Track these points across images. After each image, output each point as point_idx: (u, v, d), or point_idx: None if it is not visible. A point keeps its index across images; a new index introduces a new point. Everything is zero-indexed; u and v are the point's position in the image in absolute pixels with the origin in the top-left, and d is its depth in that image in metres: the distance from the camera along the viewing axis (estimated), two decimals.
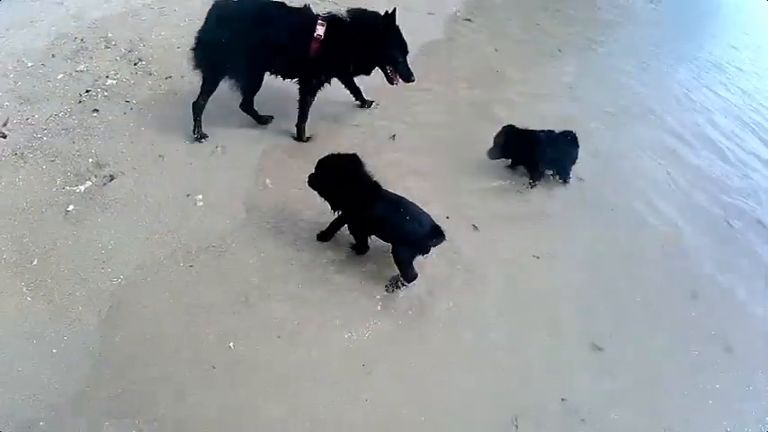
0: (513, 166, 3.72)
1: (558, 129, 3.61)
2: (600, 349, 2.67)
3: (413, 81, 3.49)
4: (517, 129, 3.54)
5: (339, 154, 2.68)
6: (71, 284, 2.51)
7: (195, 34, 3.31)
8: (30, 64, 3.81)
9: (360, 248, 2.85)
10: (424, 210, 2.69)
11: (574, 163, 3.71)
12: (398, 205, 2.64)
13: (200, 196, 3.03)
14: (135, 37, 4.34)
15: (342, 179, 2.64)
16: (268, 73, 3.47)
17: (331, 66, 3.42)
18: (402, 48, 3.42)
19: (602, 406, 2.44)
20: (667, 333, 2.86)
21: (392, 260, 2.71)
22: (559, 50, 5.72)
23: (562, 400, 2.43)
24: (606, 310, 2.90)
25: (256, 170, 3.29)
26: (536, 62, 5.35)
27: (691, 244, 3.48)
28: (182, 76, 3.93)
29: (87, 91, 3.65)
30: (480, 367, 2.51)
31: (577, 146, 3.63)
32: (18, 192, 2.90)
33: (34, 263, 2.58)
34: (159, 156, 3.24)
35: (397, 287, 2.72)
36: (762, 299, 3.21)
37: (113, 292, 2.51)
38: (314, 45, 3.23)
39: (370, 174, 2.67)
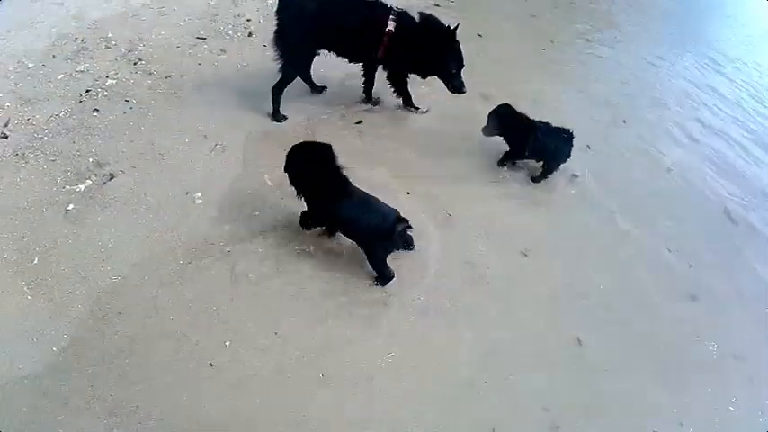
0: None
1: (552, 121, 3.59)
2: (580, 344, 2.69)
3: (464, 93, 3.71)
4: (514, 111, 3.54)
5: (313, 142, 2.67)
6: (71, 283, 2.53)
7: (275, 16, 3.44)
8: (30, 65, 3.83)
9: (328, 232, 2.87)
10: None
11: (564, 161, 3.68)
12: (363, 203, 2.58)
13: (200, 194, 3.04)
14: (135, 37, 4.34)
15: (310, 170, 2.59)
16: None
17: (393, 59, 3.65)
18: (458, 62, 3.61)
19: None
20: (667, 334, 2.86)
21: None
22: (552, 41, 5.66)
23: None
24: (593, 309, 2.90)
25: (256, 168, 3.29)
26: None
27: (690, 244, 3.46)
28: (181, 76, 3.96)
29: (87, 91, 3.66)
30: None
31: (571, 144, 3.59)
32: (19, 191, 2.92)
33: (35, 262, 2.60)
34: (159, 155, 3.25)
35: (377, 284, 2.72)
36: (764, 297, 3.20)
37: (113, 290, 2.52)
38: (384, 38, 3.46)
39: (340, 167, 2.62)
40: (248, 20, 4.90)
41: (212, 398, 2.22)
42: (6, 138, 3.22)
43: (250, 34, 4.68)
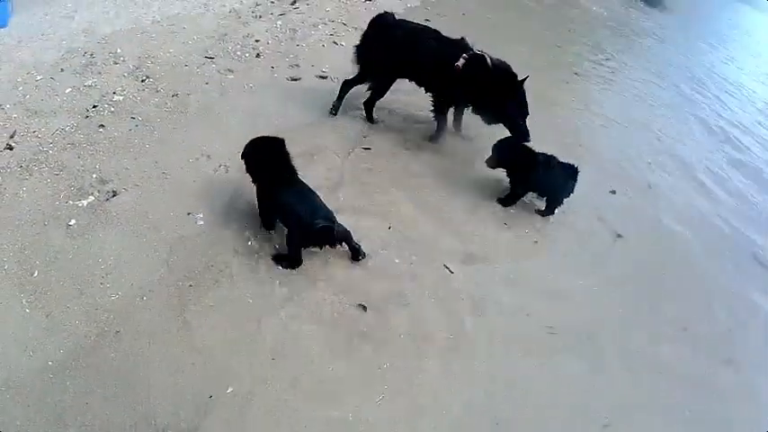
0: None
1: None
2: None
3: (528, 142, 3.76)
4: (517, 143, 3.65)
5: (270, 136, 2.95)
6: (70, 298, 2.55)
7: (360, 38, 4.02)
8: (39, 77, 3.89)
9: (265, 225, 3.05)
10: None
11: (567, 196, 3.71)
12: (301, 194, 2.85)
13: (201, 215, 3.08)
14: (144, 54, 4.43)
15: (263, 157, 2.92)
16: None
17: (458, 94, 3.93)
18: (523, 111, 3.77)
19: None
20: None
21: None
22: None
23: None
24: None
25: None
26: None
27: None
28: (188, 94, 4.04)
29: (94, 106, 3.71)
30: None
31: (575, 180, 3.65)
32: (22, 203, 2.95)
33: (35, 275, 2.62)
34: (163, 173, 3.29)
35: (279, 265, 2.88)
36: None
37: (112, 308, 2.54)
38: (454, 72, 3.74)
39: (290, 159, 2.91)
40: (257, 41, 5.03)
41: (211, 421, 2.24)
42: (12, 149, 3.26)
43: (258, 55, 4.80)
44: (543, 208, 3.76)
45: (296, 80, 4.56)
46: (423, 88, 4.06)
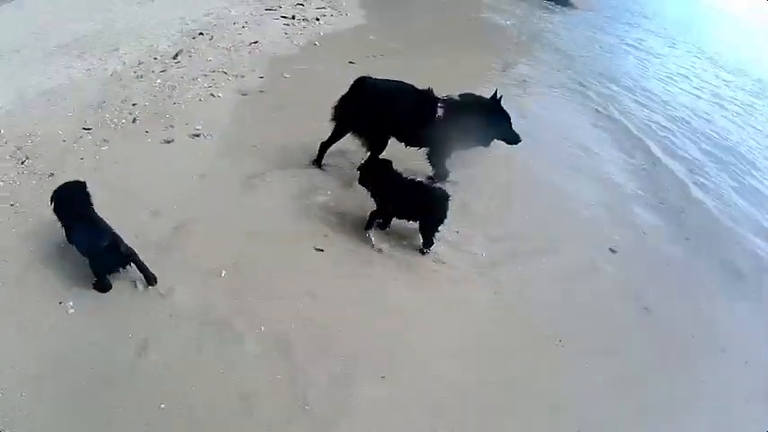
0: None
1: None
2: None
3: (519, 142, 4.56)
4: (378, 164, 4.00)
5: (73, 180, 3.54)
6: None
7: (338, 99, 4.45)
8: None
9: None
10: None
11: (439, 224, 3.81)
12: (90, 222, 3.32)
13: (72, 303, 3.23)
14: (25, 132, 4.68)
15: (61, 201, 3.44)
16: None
17: (449, 139, 4.43)
18: (508, 119, 4.48)
19: None
20: None
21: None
22: None
23: None
24: None
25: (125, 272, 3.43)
26: None
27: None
28: (63, 173, 4.15)
29: None
30: None
31: (446, 206, 3.76)
32: None
33: None
34: (31, 259, 3.48)
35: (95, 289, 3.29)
36: None
37: None
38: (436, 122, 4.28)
39: (84, 198, 3.42)
40: (134, 104, 5.37)
41: None
42: None
43: (135, 120, 5.13)
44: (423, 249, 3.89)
45: (169, 142, 4.89)
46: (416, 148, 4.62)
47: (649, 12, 15.65)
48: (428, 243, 3.94)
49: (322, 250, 3.96)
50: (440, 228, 3.95)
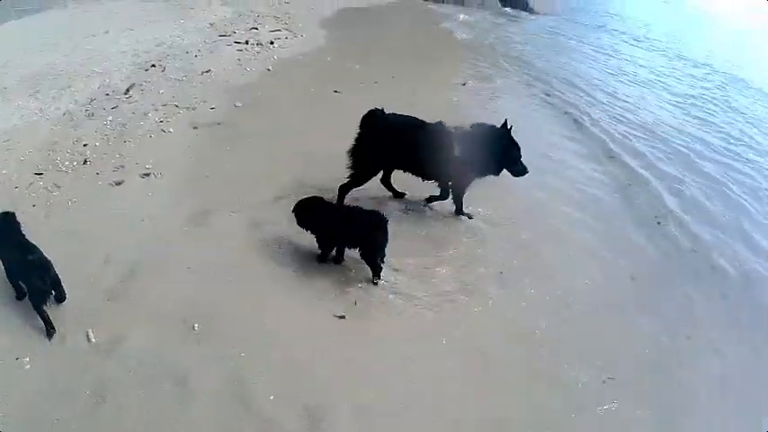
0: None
1: None
2: None
3: (527, 173, 4.67)
4: (307, 204, 4.02)
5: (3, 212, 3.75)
6: None
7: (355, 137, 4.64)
8: None
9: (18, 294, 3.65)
10: None
11: (380, 250, 3.85)
12: (19, 246, 3.58)
13: (28, 359, 3.26)
14: None
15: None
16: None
17: (468, 173, 4.65)
18: (518, 150, 4.58)
19: None
20: None
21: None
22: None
23: None
24: None
25: (78, 323, 3.53)
26: None
27: None
28: None
29: None
30: None
31: (386, 231, 3.80)
32: None
33: None
34: None
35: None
36: None
37: None
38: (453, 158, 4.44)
39: (17, 231, 3.66)
40: (85, 145, 5.53)
41: None
42: None
43: (85, 161, 5.29)
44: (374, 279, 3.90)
45: (119, 184, 5.04)
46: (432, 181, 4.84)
47: (612, 11, 16.05)
48: (375, 271, 3.97)
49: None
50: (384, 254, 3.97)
